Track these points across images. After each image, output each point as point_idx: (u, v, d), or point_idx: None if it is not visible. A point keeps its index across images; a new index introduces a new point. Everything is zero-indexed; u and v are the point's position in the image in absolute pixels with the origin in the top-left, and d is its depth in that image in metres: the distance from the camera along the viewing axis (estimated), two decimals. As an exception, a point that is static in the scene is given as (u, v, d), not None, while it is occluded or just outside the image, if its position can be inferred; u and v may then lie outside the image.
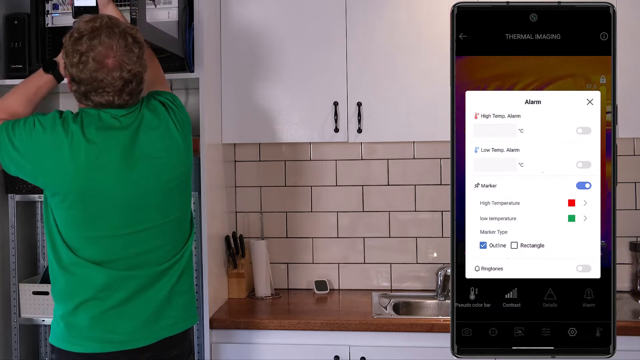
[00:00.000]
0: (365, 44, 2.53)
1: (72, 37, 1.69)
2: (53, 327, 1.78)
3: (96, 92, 1.71)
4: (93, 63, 1.66)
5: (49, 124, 1.71)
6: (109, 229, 1.73)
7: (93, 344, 1.72)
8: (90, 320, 1.72)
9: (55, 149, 1.68)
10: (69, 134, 1.69)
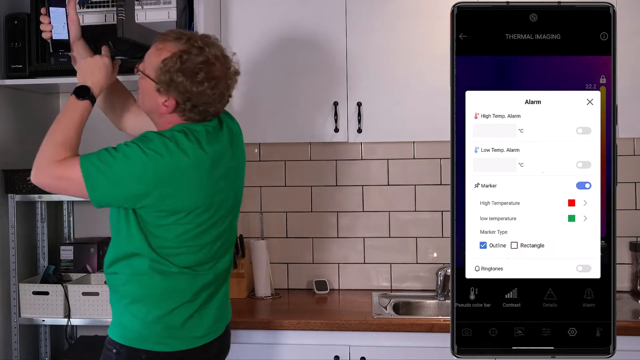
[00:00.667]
0: (365, 44, 2.53)
1: (183, 57, 1.70)
2: (138, 331, 1.79)
3: (213, 104, 1.77)
4: (212, 80, 1.73)
5: (161, 148, 1.67)
6: (211, 237, 1.81)
7: (182, 342, 1.81)
8: (183, 321, 1.80)
9: (180, 170, 1.68)
10: (188, 153, 1.69)
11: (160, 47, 1.75)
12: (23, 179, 2.48)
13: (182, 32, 1.78)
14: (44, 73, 2.45)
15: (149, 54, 1.79)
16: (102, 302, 2.45)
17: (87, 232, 2.88)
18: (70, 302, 2.45)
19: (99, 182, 1.67)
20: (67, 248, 2.72)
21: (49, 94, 2.83)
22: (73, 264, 2.71)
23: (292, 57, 2.58)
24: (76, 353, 2.58)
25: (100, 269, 2.73)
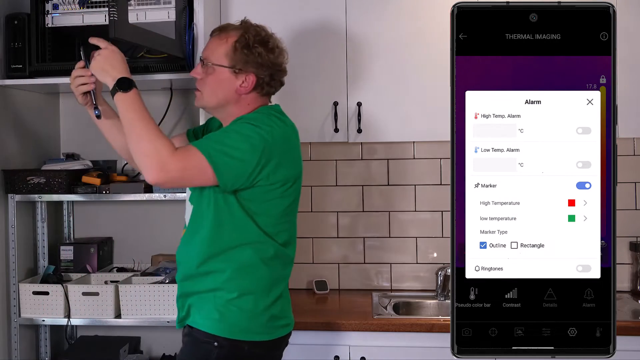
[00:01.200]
0: (365, 44, 2.53)
1: (251, 33, 1.86)
2: (244, 323, 1.81)
3: (283, 73, 1.95)
4: (279, 48, 1.93)
5: (268, 121, 1.78)
6: (296, 211, 1.93)
7: (280, 330, 1.88)
8: (281, 309, 1.89)
9: (287, 138, 1.82)
10: (287, 123, 1.86)
11: (224, 36, 1.86)
12: (23, 179, 2.48)
13: (234, 23, 1.91)
14: (44, 73, 2.45)
15: (210, 48, 1.86)
16: (102, 302, 2.45)
17: (87, 232, 2.89)
18: (70, 302, 2.45)
19: (225, 164, 1.68)
20: (67, 248, 2.72)
21: (49, 94, 2.83)
22: (73, 264, 2.71)
23: (292, 57, 2.57)
24: (76, 353, 2.58)
25: (100, 269, 2.74)
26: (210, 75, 1.85)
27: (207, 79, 1.86)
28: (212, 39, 1.89)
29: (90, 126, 2.90)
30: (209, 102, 1.88)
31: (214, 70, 1.84)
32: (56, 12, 2.42)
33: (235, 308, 1.80)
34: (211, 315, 1.81)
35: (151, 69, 2.38)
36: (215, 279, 1.81)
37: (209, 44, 1.89)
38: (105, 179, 2.57)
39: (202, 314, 1.82)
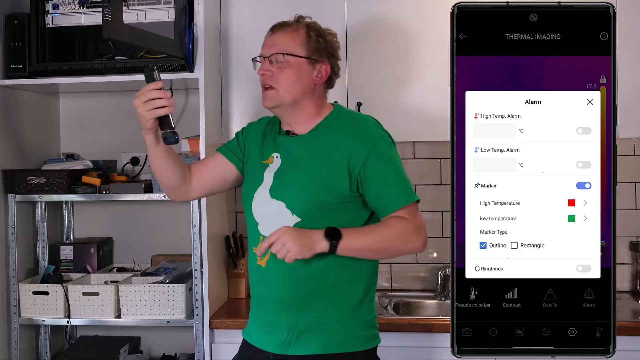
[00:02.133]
0: (365, 44, 2.53)
1: (317, 24, 1.87)
2: (368, 333, 1.85)
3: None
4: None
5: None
6: None
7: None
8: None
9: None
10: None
11: (294, 28, 1.82)
12: (23, 179, 2.48)
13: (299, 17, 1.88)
14: (44, 73, 2.45)
15: (281, 41, 1.79)
16: (102, 302, 2.45)
17: (87, 232, 2.89)
18: (70, 302, 2.45)
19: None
20: (67, 248, 2.72)
21: (49, 94, 2.83)
22: (73, 264, 2.71)
23: (292, 57, 2.57)
24: (76, 353, 2.58)
25: (100, 269, 2.74)
26: (286, 68, 1.76)
27: (283, 73, 1.75)
28: (277, 33, 1.81)
29: (90, 126, 2.92)
30: (286, 97, 1.76)
31: (290, 63, 1.76)
32: (56, 12, 2.42)
33: (357, 321, 1.85)
34: (340, 336, 1.79)
35: (151, 69, 2.38)
36: (345, 289, 1.81)
37: (274, 38, 1.80)
38: (105, 179, 2.57)
39: (332, 336, 1.78)
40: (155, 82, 1.60)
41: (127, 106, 2.85)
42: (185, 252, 2.71)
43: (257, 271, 1.79)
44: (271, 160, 1.81)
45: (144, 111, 1.60)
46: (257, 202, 1.79)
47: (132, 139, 2.82)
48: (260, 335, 1.79)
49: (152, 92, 1.59)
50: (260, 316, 1.80)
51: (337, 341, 1.75)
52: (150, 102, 1.59)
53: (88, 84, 2.57)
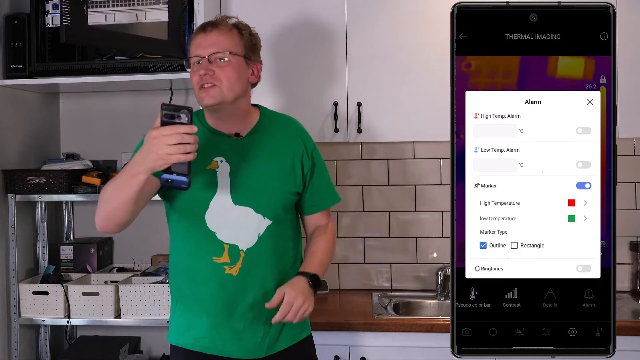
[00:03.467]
0: (365, 44, 2.53)
1: (243, 22, 1.87)
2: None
3: None
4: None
5: None
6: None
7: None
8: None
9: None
10: None
11: (228, 27, 1.80)
12: (23, 179, 2.48)
13: (215, 20, 1.85)
14: (44, 73, 2.45)
15: (219, 41, 1.76)
16: (102, 302, 2.45)
17: (87, 232, 2.89)
18: (70, 302, 2.45)
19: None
20: (67, 248, 2.72)
21: (49, 94, 2.83)
22: (73, 264, 2.71)
23: (292, 57, 2.58)
24: (76, 353, 2.58)
25: (100, 269, 2.74)
26: (227, 67, 1.74)
27: (225, 72, 1.73)
28: (212, 33, 1.77)
29: (90, 126, 2.91)
30: (229, 95, 1.74)
31: (231, 62, 1.74)
32: (56, 12, 2.42)
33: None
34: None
35: (151, 69, 2.38)
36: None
37: (210, 38, 1.76)
38: (105, 179, 2.57)
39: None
40: (190, 126, 1.46)
41: (127, 106, 2.85)
42: (185, 252, 2.71)
43: (226, 280, 1.76)
44: (215, 165, 1.76)
45: (169, 154, 1.45)
46: (215, 211, 1.75)
47: (132, 139, 2.82)
48: (228, 344, 1.78)
49: (186, 137, 1.45)
50: (230, 324, 1.77)
51: (300, 329, 1.86)
52: (181, 146, 1.45)
53: (88, 84, 2.57)
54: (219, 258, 1.76)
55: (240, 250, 1.76)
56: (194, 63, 1.76)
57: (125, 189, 1.57)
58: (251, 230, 1.76)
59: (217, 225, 1.75)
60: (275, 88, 2.58)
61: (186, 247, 1.81)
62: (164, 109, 1.46)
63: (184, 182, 1.48)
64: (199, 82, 1.73)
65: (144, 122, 2.77)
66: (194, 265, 1.79)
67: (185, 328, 1.83)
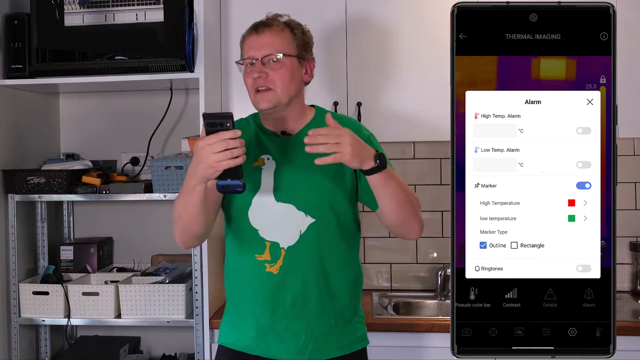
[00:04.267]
0: (365, 44, 2.53)
1: (296, 21, 1.87)
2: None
3: None
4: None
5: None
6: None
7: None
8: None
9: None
10: None
11: (280, 27, 1.78)
12: (23, 179, 2.48)
13: (269, 19, 1.84)
14: (44, 73, 2.45)
15: (272, 42, 1.73)
16: (102, 302, 2.45)
17: (87, 232, 2.89)
18: (70, 302, 2.45)
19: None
20: (67, 248, 2.72)
21: (49, 94, 2.83)
22: (73, 264, 2.71)
23: (292, 57, 2.57)
24: (76, 353, 2.58)
25: (100, 269, 2.74)
26: (280, 69, 1.71)
27: (278, 74, 1.71)
28: (265, 33, 1.75)
29: (90, 126, 2.91)
30: (284, 98, 1.71)
31: (284, 63, 1.72)
32: (56, 12, 2.41)
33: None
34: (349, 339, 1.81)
35: (151, 69, 2.38)
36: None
37: (262, 39, 1.74)
38: (105, 179, 2.57)
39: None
40: (234, 131, 1.46)
41: (127, 106, 2.86)
42: (185, 252, 2.71)
43: (267, 278, 1.73)
44: (262, 163, 1.74)
45: (217, 161, 1.46)
46: (257, 207, 1.73)
47: (132, 139, 2.82)
48: (271, 345, 1.74)
49: (231, 142, 1.45)
50: (272, 325, 1.74)
51: (350, 340, 1.77)
52: (227, 151, 1.45)
53: (88, 84, 2.57)
54: (261, 256, 1.73)
55: (281, 248, 1.72)
56: (247, 65, 1.74)
57: (189, 202, 1.61)
58: (293, 228, 1.72)
59: (260, 222, 1.73)
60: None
61: (233, 246, 1.80)
62: (206, 118, 1.47)
63: (239, 185, 1.50)
64: (254, 86, 1.71)
65: (144, 122, 2.78)
66: (239, 264, 1.78)
67: (231, 327, 1.81)
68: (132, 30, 2.33)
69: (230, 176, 1.49)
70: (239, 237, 1.77)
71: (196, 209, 1.62)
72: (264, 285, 1.73)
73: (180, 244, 1.77)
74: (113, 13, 2.36)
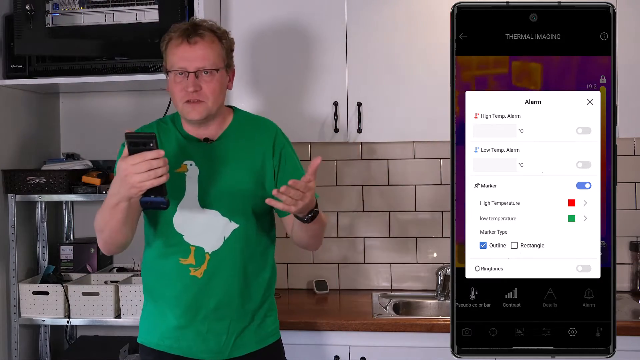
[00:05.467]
0: (365, 44, 2.53)
1: (222, 28, 1.86)
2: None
3: None
4: None
5: None
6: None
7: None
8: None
9: None
10: None
11: (210, 38, 1.76)
12: (23, 179, 2.48)
13: (184, 24, 1.81)
14: (44, 73, 2.45)
15: (204, 55, 1.74)
16: (102, 302, 2.45)
17: (87, 232, 2.88)
18: (70, 302, 2.45)
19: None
20: (67, 248, 2.72)
21: (49, 94, 2.83)
22: (73, 264, 2.71)
23: (291, 57, 2.58)
24: (76, 353, 2.58)
25: (100, 269, 2.74)
26: (211, 82, 1.74)
27: (210, 86, 1.74)
28: (197, 45, 1.73)
29: (90, 126, 2.91)
30: (213, 109, 1.77)
31: (214, 76, 1.75)
32: (56, 12, 2.42)
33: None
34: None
35: (151, 69, 2.38)
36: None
37: (195, 51, 1.73)
38: (105, 179, 2.57)
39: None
40: (157, 151, 1.47)
41: (127, 106, 2.85)
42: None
43: (190, 282, 1.78)
44: (185, 169, 1.77)
45: (140, 182, 1.47)
46: (182, 214, 1.77)
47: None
48: (193, 345, 1.80)
49: (154, 162, 1.46)
50: (194, 325, 1.79)
51: (265, 334, 1.87)
52: (151, 172, 1.46)
53: (88, 84, 2.58)
54: (185, 260, 1.78)
55: (205, 252, 1.78)
56: (176, 74, 1.74)
57: (112, 218, 1.64)
58: (217, 233, 1.78)
59: (184, 227, 1.78)
60: (275, 87, 2.58)
61: (156, 249, 1.84)
62: (128, 137, 1.48)
63: (163, 202, 1.52)
64: (185, 97, 1.74)
65: (144, 122, 2.77)
66: (162, 266, 1.82)
67: (152, 327, 1.86)
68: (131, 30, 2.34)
69: (153, 193, 1.50)
70: (162, 240, 1.81)
71: (119, 224, 1.65)
72: (188, 289, 1.79)
73: (105, 253, 1.83)
74: (113, 13, 2.36)
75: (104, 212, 1.66)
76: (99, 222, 1.71)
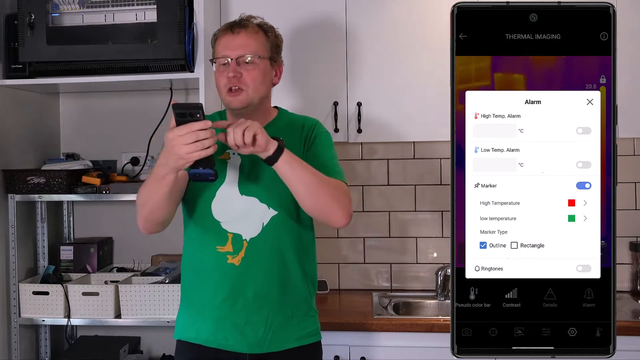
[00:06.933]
0: (365, 44, 2.53)
1: (269, 23, 1.91)
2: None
3: None
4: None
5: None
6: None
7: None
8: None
9: None
10: None
11: (255, 29, 1.81)
12: (23, 179, 2.48)
13: (242, 20, 1.86)
14: (44, 73, 2.45)
15: (247, 43, 1.76)
16: (102, 302, 2.45)
17: (87, 232, 2.89)
18: (70, 302, 2.45)
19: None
20: (67, 248, 2.72)
21: (49, 94, 2.83)
22: (73, 264, 2.71)
23: (291, 57, 2.57)
24: (76, 353, 2.58)
25: (100, 269, 2.74)
26: (253, 70, 1.76)
27: (251, 75, 1.75)
28: (240, 34, 1.78)
29: (90, 126, 2.91)
30: (255, 98, 1.77)
31: (257, 65, 1.76)
32: (56, 12, 2.42)
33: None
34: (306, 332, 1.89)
35: (151, 69, 2.38)
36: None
37: (237, 39, 1.77)
38: (105, 179, 2.57)
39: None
40: (204, 122, 1.46)
41: (127, 106, 2.86)
42: (185, 252, 2.71)
43: (228, 270, 1.76)
44: (227, 157, 1.78)
45: (188, 153, 1.46)
46: (221, 200, 1.77)
47: (132, 139, 2.82)
48: (230, 337, 1.77)
49: (201, 133, 1.46)
50: (232, 317, 1.76)
51: (307, 333, 1.84)
52: (199, 142, 1.46)
53: (88, 84, 2.57)
54: (223, 247, 1.76)
55: (243, 239, 1.76)
56: (220, 64, 1.78)
57: (157, 190, 1.63)
58: (255, 220, 1.76)
59: (222, 214, 1.77)
60: (276, 87, 2.58)
61: (193, 240, 1.82)
62: (176, 108, 1.47)
63: (211, 174, 1.51)
64: (227, 85, 1.75)
65: (144, 122, 2.78)
66: (199, 258, 1.80)
67: (189, 322, 1.82)
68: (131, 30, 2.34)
69: (202, 165, 1.50)
70: (200, 228, 1.80)
71: (163, 197, 1.64)
72: (226, 277, 1.76)
73: (142, 230, 1.80)
74: (113, 13, 2.36)
75: (150, 185, 1.65)
76: (142, 196, 1.69)
